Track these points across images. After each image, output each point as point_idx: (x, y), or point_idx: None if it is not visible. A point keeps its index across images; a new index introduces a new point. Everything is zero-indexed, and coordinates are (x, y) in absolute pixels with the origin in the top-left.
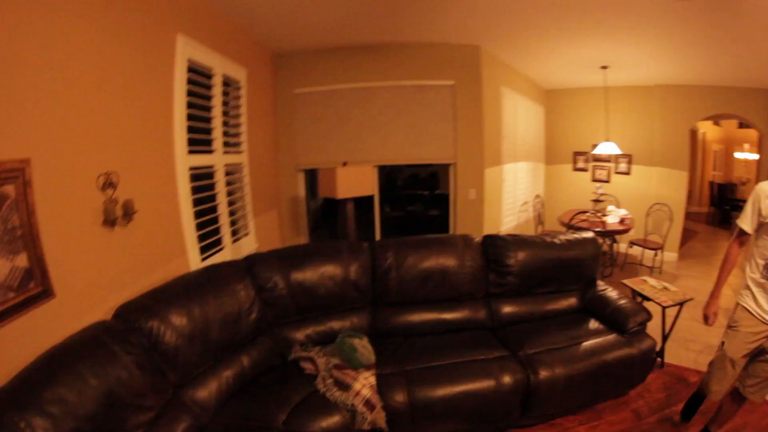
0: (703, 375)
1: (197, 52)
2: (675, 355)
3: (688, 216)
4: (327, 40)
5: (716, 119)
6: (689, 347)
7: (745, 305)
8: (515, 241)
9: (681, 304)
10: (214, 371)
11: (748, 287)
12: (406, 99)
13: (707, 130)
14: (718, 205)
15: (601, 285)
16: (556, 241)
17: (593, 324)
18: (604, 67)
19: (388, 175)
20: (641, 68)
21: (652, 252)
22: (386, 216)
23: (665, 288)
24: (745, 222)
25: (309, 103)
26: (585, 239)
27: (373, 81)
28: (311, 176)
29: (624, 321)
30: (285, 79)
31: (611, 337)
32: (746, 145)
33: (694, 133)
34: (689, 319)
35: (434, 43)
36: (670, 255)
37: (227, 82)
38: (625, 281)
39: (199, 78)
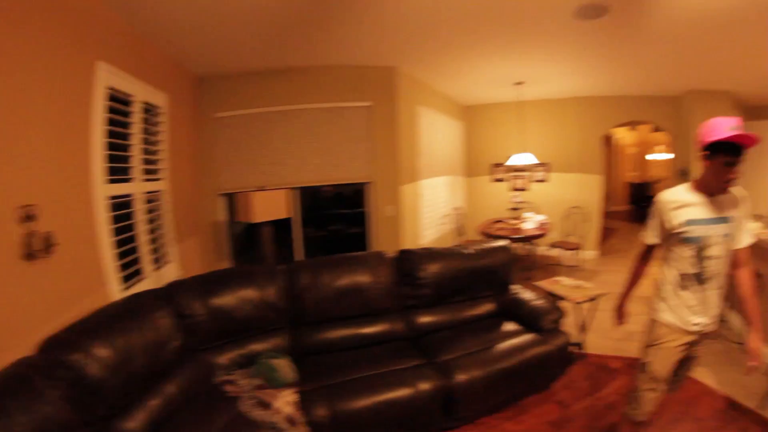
0: (626, 403)
1: (117, 78)
2: (598, 345)
3: (609, 215)
4: (247, 64)
5: (631, 125)
6: (610, 336)
7: (663, 321)
8: (427, 254)
9: (593, 299)
10: (141, 401)
11: (663, 299)
12: (324, 121)
13: (623, 135)
14: (636, 203)
15: (516, 288)
16: (467, 251)
17: (510, 326)
18: (519, 83)
19: (313, 195)
20: (555, 83)
21: (572, 252)
22: (309, 236)
23: (578, 286)
24: (650, 235)
25: (230, 127)
26: (496, 248)
27: (292, 104)
28: (233, 200)
29: (539, 320)
30: (207, 102)
31: (528, 336)
32: (659, 147)
33: (610, 139)
34: (608, 310)
35: (351, 65)
36: (590, 253)
37: (148, 108)
38: (538, 283)
39: (118, 105)
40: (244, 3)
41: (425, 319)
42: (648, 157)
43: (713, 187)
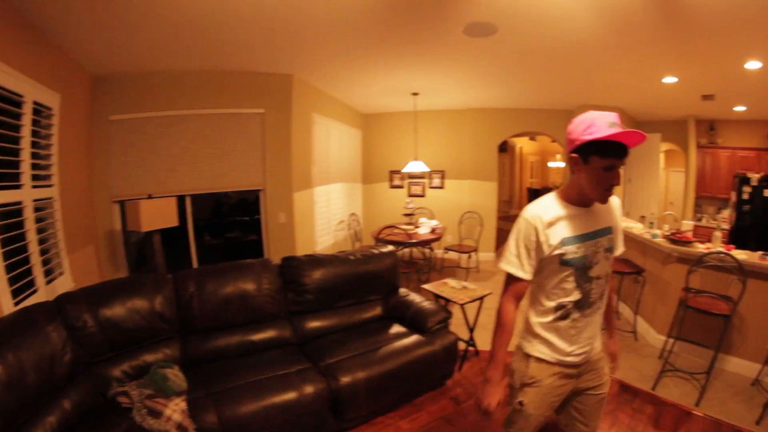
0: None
1: (6, 75)
2: (487, 342)
3: (511, 218)
4: (145, 64)
5: (530, 135)
6: None
7: (539, 355)
8: (311, 260)
9: (478, 299)
10: (37, 419)
11: (536, 335)
12: (218, 127)
13: (524, 144)
14: None
15: (403, 291)
16: (352, 257)
17: (397, 328)
18: (415, 94)
19: (218, 201)
20: (450, 95)
21: (468, 254)
22: (207, 245)
23: (465, 287)
24: (524, 268)
25: (125, 131)
26: (382, 253)
27: (187, 109)
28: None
29: (424, 321)
30: (102, 104)
31: (413, 337)
32: (558, 156)
33: (512, 148)
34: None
35: (247, 71)
36: (487, 255)
37: (38, 110)
38: (426, 286)
39: (5, 106)
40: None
41: (313, 324)
42: (548, 164)
43: (590, 197)
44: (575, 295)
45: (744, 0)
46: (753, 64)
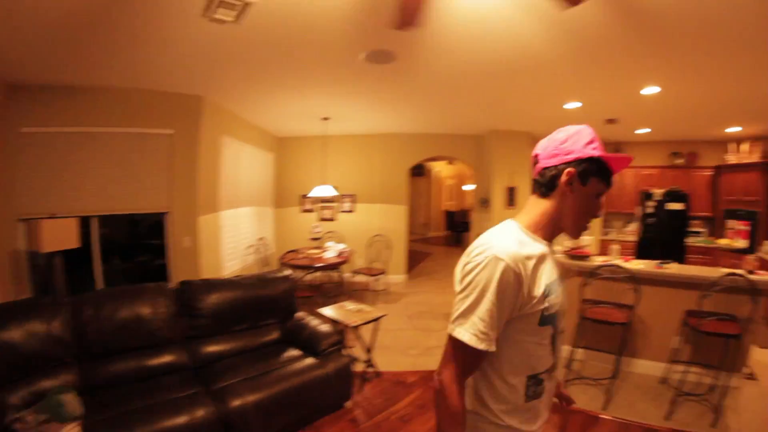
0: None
1: None
2: (396, 362)
3: (428, 240)
4: (56, 76)
5: (447, 159)
6: (409, 353)
7: None
8: (206, 285)
9: (372, 321)
10: None
11: (501, 427)
12: (127, 147)
13: (442, 168)
14: (453, 228)
15: (300, 315)
16: (248, 281)
17: (291, 352)
18: (326, 119)
19: (133, 222)
20: (359, 120)
21: (377, 277)
22: (116, 268)
23: (360, 310)
24: (486, 334)
25: (36, 145)
26: (277, 277)
27: (99, 126)
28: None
29: (317, 344)
30: (14, 115)
31: (307, 361)
32: (473, 179)
33: (430, 171)
34: (412, 329)
35: (158, 91)
36: (398, 277)
37: None
38: (321, 309)
39: None
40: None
41: (210, 348)
42: (464, 187)
43: (564, 228)
44: (549, 361)
45: (638, 31)
46: (650, 90)
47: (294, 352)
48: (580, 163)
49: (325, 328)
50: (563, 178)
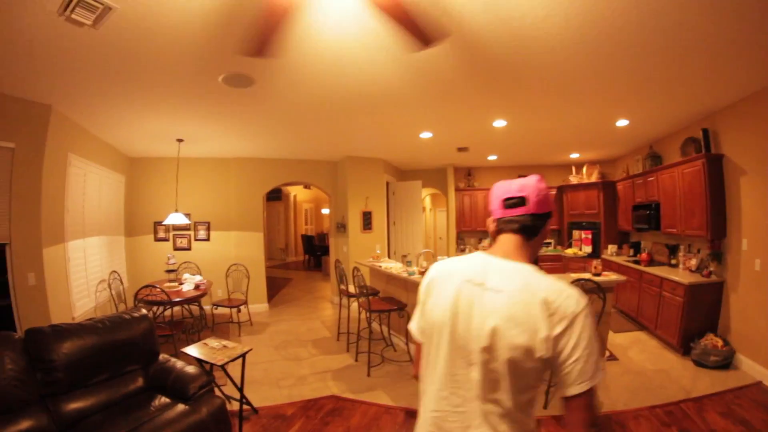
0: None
1: None
2: (270, 396)
3: (287, 265)
4: None
5: (304, 184)
6: (282, 385)
7: None
8: (56, 332)
9: (238, 357)
10: None
11: None
12: None
13: (298, 192)
14: (311, 252)
15: (163, 358)
16: (103, 324)
17: (161, 400)
18: (180, 140)
19: None
20: (215, 143)
21: (238, 308)
22: None
23: (224, 346)
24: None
25: None
26: (134, 318)
27: None
28: None
29: (185, 388)
30: None
31: (178, 408)
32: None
33: (287, 196)
34: (281, 359)
35: (1, 93)
36: (260, 306)
37: None
38: (185, 349)
39: None
40: None
41: (72, 406)
42: (323, 211)
43: None
44: None
45: (484, 75)
46: (499, 123)
47: (163, 400)
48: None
49: (191, 369)
50: (548, 226)
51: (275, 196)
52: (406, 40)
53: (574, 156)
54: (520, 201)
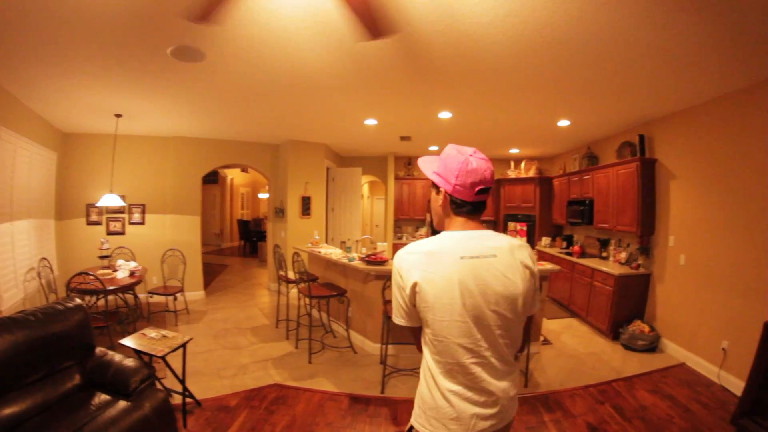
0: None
1: None
2: (212, 387)
3: (222, 251)
4: None
5: (241, 167)
6: (224, 375)
7: None
8: None
9: (179, 348)
10: None
11: None
12: None
13: (235, 176)
14: (247, 238)
15: (100, 351)
16: (32, 317)
17: (101, 397)
18: (119, 116)
19: None
20: (157, 119)
21: (175, 296)
22: None
23: (164, 336)
24: None
25: None
26: (67, 308)
27: None
28: None
29: (126, 383)
30: None
31: (120, 405)
32: (267, 187)
33: (224, 179)
34: (221, 348)
35: None
36: (196, 294)
37: None
38: (123, 340)
39: None
40: None
41: (6, 411)
42: (260, 195)
43: None
44: None
45: (427, 70)
46: (445, 114)
47: (104, 397)
48: None
49: (131, 362)
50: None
51: (212, 179)
52: (358, 29)
53: (514, 151)
54: (489, 190)
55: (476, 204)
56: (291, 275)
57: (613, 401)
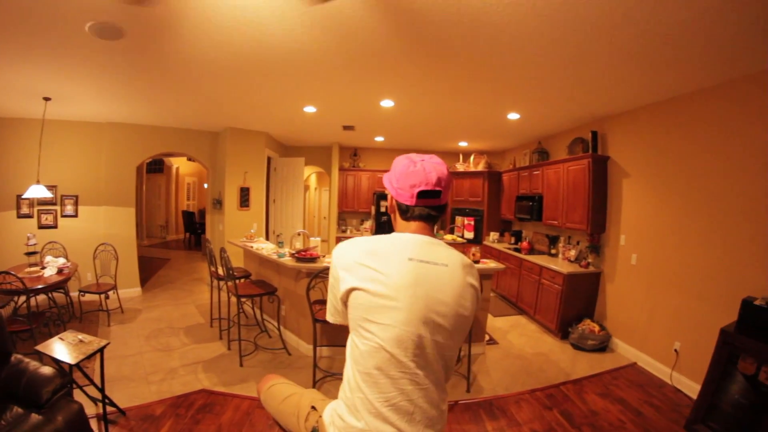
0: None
1: None
2: (139, 394)
3: (167, 244)
4: None
5: (180, 156)
6: (151, 380)
7: None
8: None
9: (93, 354)
10: None
11: None
12: None
13: (181, 165)
14: (192, 230)
15: (16, 359)
16: None
17: (14, 411)
18: (47, 99)
19: None
20: (89, 104)
21: (108, 293)
22: None
23: (81, 341)
24: None
25: None
26: None
27: None
28: None
29: (38, 394)
30: None
31: (32, 419)
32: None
33: (169, 168)
34: (151, 351)
35: None
36: (132, 291)
37: None
38: (39, 347)
39: None
40: None
41: None
42: (205, 186)
43: None
44: None
45: (364, 46)
46: (386, 103)
47: (17, 410)
48: None
49: (46, 371)
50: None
51: (157, 167)
52: None
53: (463, 144)
54: (436, 194)
55: (424, 210)
56: (222, 271)
57: (562, 407)
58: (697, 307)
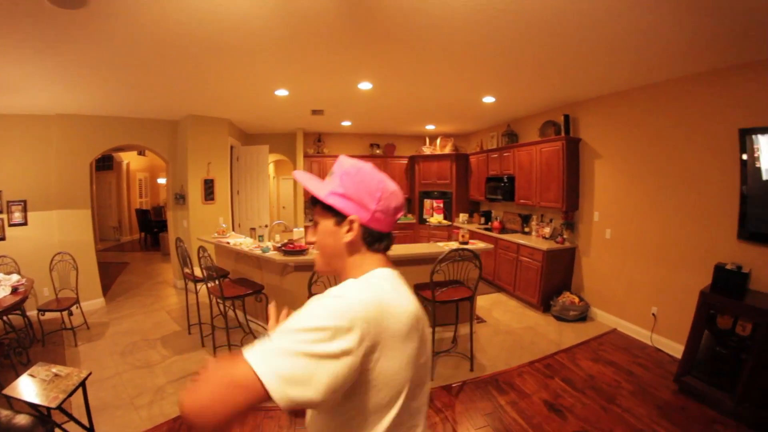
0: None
1: None
2: (129, 423)
3: (122, 246)
4: None
5: (138, 149)
6: (139, 404)
7: None
8: None
9: (75, 391)
10: None
11: None
12: None
13: (131, 160)
14: (147, 229)
15: None
16: None
17: None
18: None
19: None
20: (33, 93)
21: (71, 309)
22: None
23: (56, 375)
24: None
25: None
26: None
27: None
28: None
29: None
30: None
31: None
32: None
33: (119, 164)
34: (131, 369)
35: None
36: (95, 303)
37: None
38: (6, 390)
39: None
40: None
41: None
42: (159, 181)
43: None
44: None
45: (355, 26)
46: (365, 85)
47: None
48: None
49: (21, 420)
50: None
51: (106, 164)
52: None
53: (430, 128)
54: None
55: (391, 237)
56: (198, 272)
57: (561, 374)
58: (672, 275)
